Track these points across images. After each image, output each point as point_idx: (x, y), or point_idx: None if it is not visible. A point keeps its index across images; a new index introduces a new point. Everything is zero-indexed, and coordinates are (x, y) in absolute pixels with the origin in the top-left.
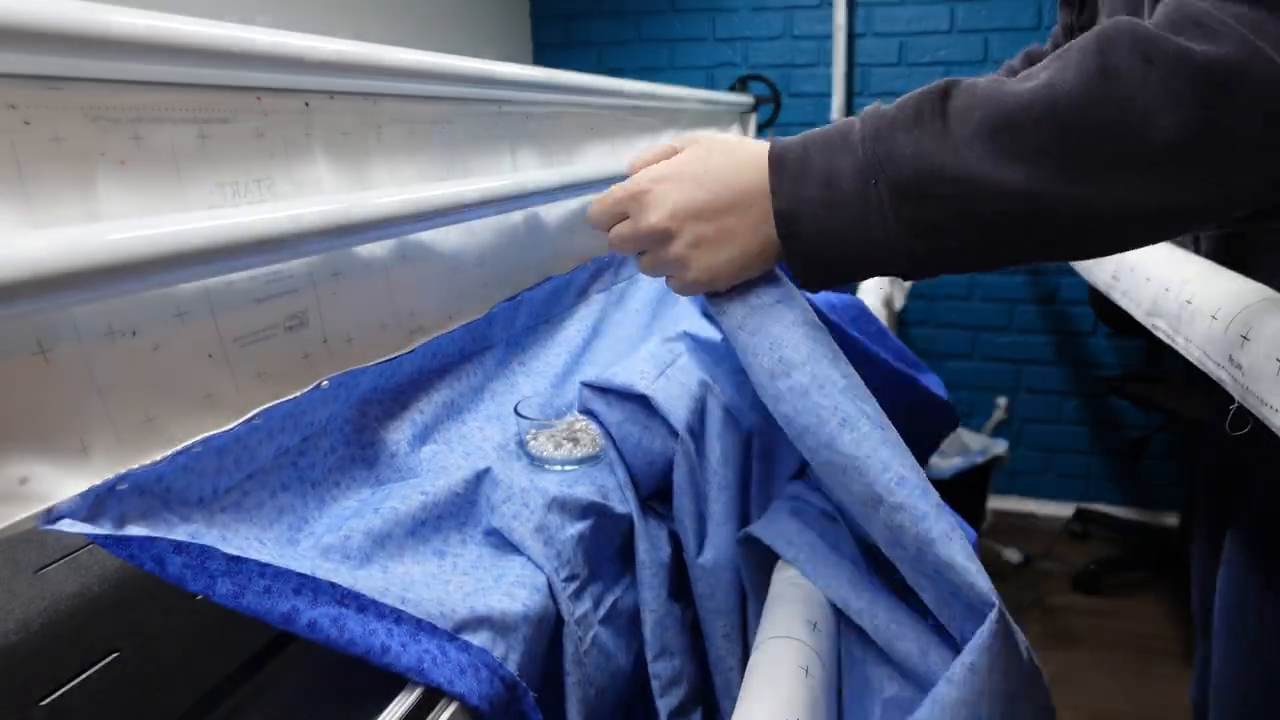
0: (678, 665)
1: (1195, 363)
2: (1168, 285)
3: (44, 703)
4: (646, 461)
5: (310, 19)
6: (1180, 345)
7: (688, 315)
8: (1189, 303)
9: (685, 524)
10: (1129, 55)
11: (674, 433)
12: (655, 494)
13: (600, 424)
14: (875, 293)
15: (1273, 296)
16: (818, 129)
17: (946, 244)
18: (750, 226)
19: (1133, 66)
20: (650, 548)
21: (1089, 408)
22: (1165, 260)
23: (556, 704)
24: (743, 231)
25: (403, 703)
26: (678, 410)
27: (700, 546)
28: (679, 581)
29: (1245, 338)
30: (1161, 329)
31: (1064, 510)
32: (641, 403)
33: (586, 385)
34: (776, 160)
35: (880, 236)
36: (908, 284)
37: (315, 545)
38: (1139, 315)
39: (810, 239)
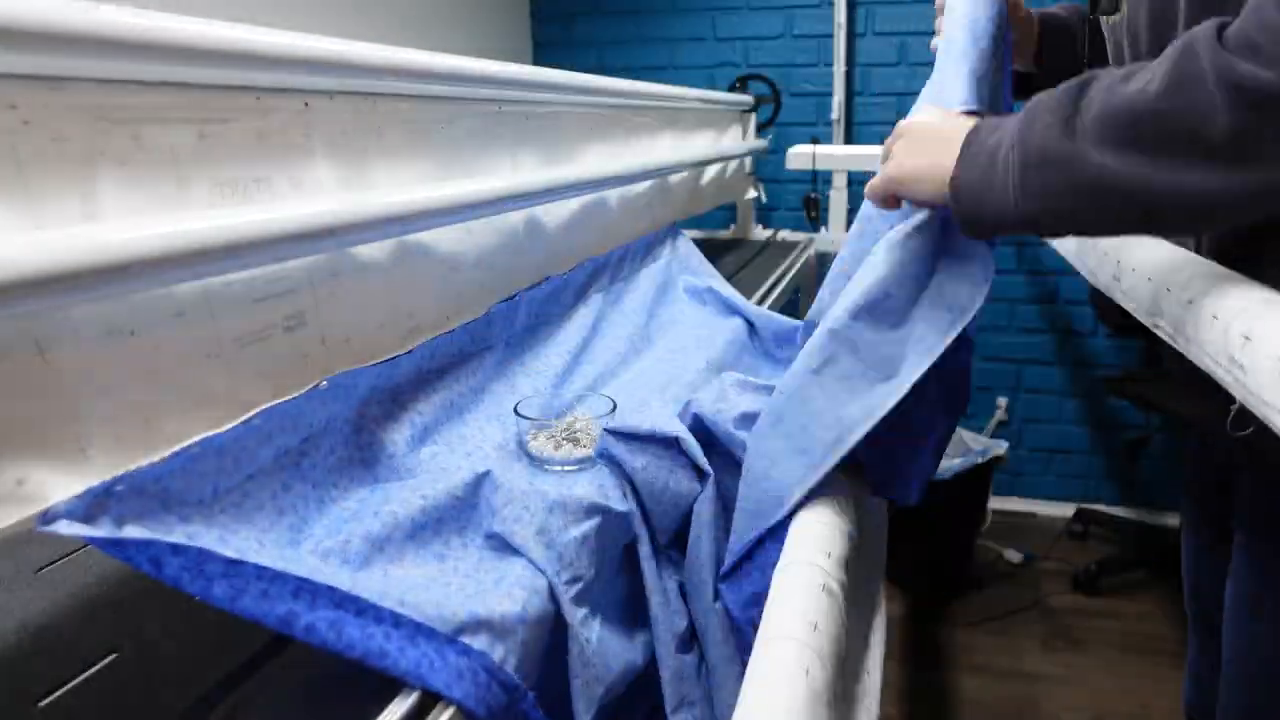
0: (697, 714)
1: (1196, 363)
2: (1169, 285)
3: (44, 703)
4: (672, 504)
5: (310, 19)
6: (1181, 345)
7: (684, 315)
8: (1190, 303)
9: (704, 565)
10: (1198, 68)
11: (702, 473)
12: (675, 540)
13: (623, 471)
14: None
15: (1275, 297)
16: (1006, 116)
17: (1054, 206)
18: (943, 154)
19: (1200, 79)
20: (664, 602)
21: (1089, 408)
22: (1166, 260)
23: (561, 704)
24: (935, 153)
25: (401, 704)
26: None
27: (717, 592)
28: (692, 626)
29: (1247, 338)
30: (1162, 329)
31: (1064, 510)
32: (668, 445)
33: (610, 432)
34: (967, 140)
35: (1005, 196)
36: None
37: (315, 549)
38: (1140, 315)
39: (965, 190)
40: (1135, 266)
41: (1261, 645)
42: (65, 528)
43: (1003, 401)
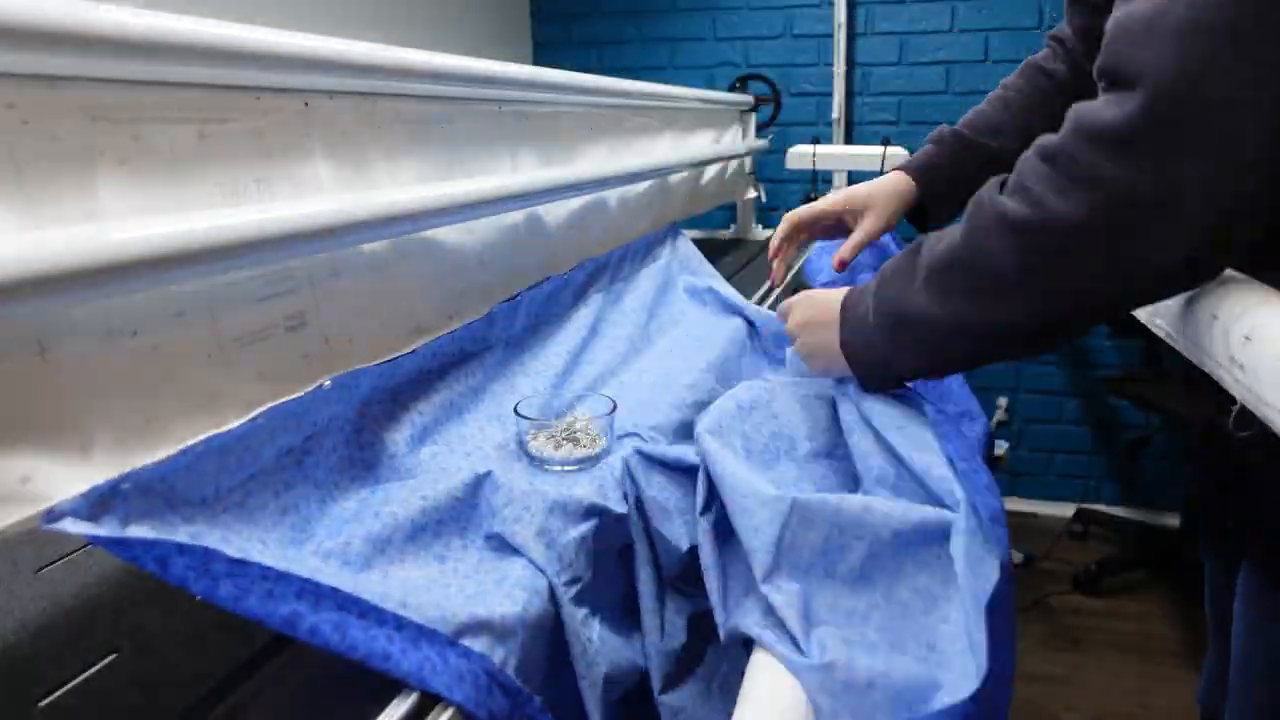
0: None
1: (1196, 363)
2: None
3: (43, 703)
4: (682, 531)
5: (310, 19)
6: (1181, 345)
7: (684, 315)
8: (1190, 303)
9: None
10: (984, 214)
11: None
12: (685, 573)
13: (638, 493)
14: None
15: (1275, 297)
16: (874, 277)
17: (929, 360)
18: (833, 339)
19: (985, 225)
20: (657, 626)
21: (1089, 408)
22: None
23: (567, 705)
24: (829, 339)
25: (401, 705)
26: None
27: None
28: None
29: (1248, 338)
30: (1162, 329)
31: (1064, 510)
32: (690, 473)
33: (640, 453)
34: (844, 306)
35: (890, 355)
36: None
37: (316, 550)
38: (1140, 315)
39: (859, 356)
40: None
41: (1271, 646)
42: (71, 526)
43: (1003, 401)
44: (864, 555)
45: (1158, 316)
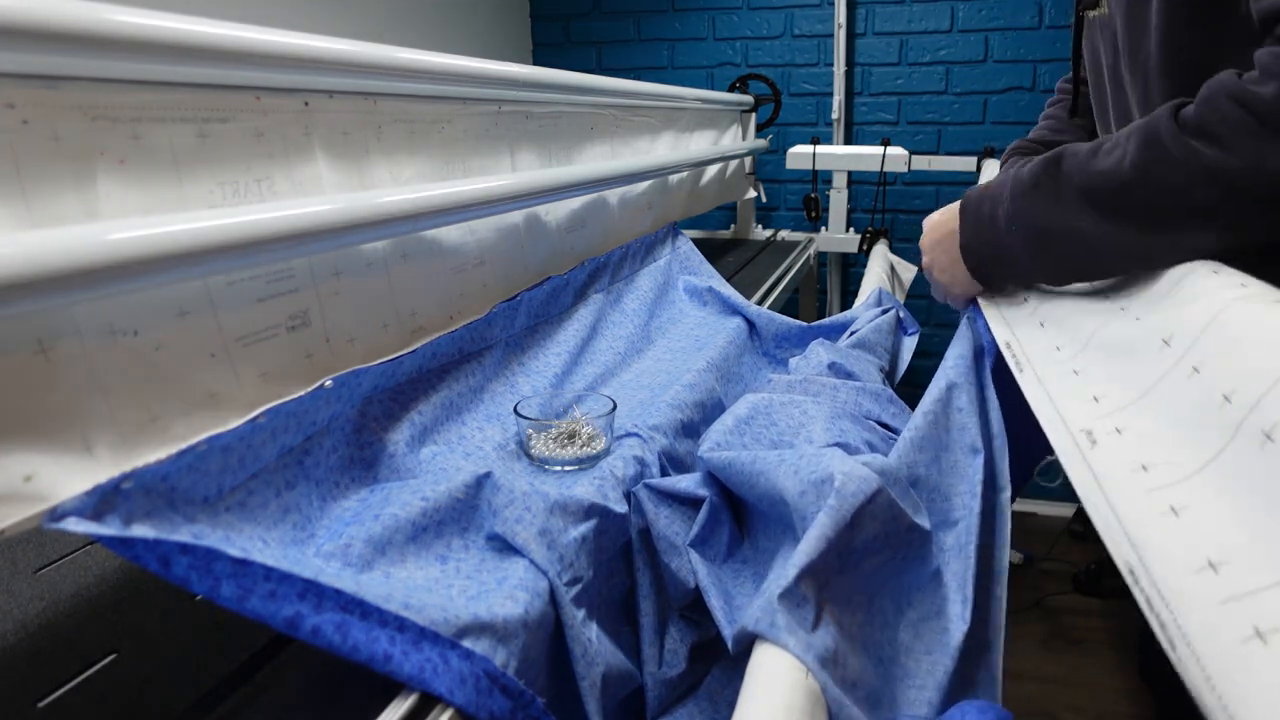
0: None
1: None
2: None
3: (43, 704)
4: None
5: (310, 19)
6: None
7: (684, 315)
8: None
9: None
10: (1166, 154)
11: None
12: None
13: (647, 523)
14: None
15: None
16: (996, 178)
17: (1065, 269)
18: (954, 241)
19: (1169, 163)
20: (655, 656)
21: None
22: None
23: (568, 705)
24: (952, 246)
25: (401, 705)
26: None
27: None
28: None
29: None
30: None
31: (1064, 510)
32: (695, 504)
33: (649, 486)
34: (964, 207)
35: (1024, 265)
36: (912, 271)
37: (317, 552)
38: None
39: (983, 263)
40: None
41: None
42: (74, 525)
43: None
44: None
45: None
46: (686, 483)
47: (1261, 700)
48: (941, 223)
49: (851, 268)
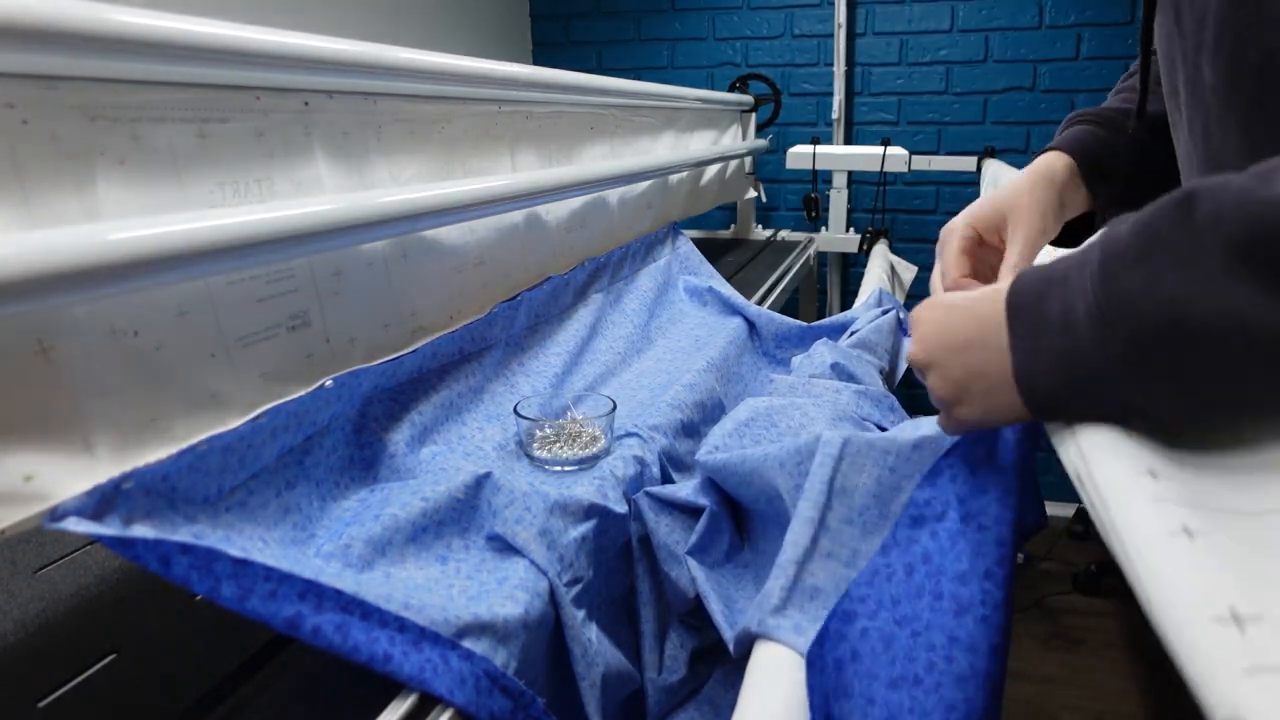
0: None
1: None
2: None
3: (43, 703)
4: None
5: (310, 19)
6: None
7: (684, 315)
8: None
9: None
10: None
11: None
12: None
13: (648, 531)
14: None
15: None
16: (1063, 257)
17: (1217, 403)
18: (997, 361)
19: None
20: (656, 662)
21: None
22: None
23: (568, 705)
24: (991, 367)
25: (400, 705)
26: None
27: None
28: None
29: None
30: None
31: (1064, 510)
32: (694, 513)
33: (648, 494)
34: (1012, 306)
35: (1131, 395)
36: (912, 271)
37: (318, 552)
38: None
39: (1050, 398)
40: None
41: None
42: (74, 525)
43: None
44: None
45: None
46: (686, 491)
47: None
48: (956, 324)
49: (851, 268)
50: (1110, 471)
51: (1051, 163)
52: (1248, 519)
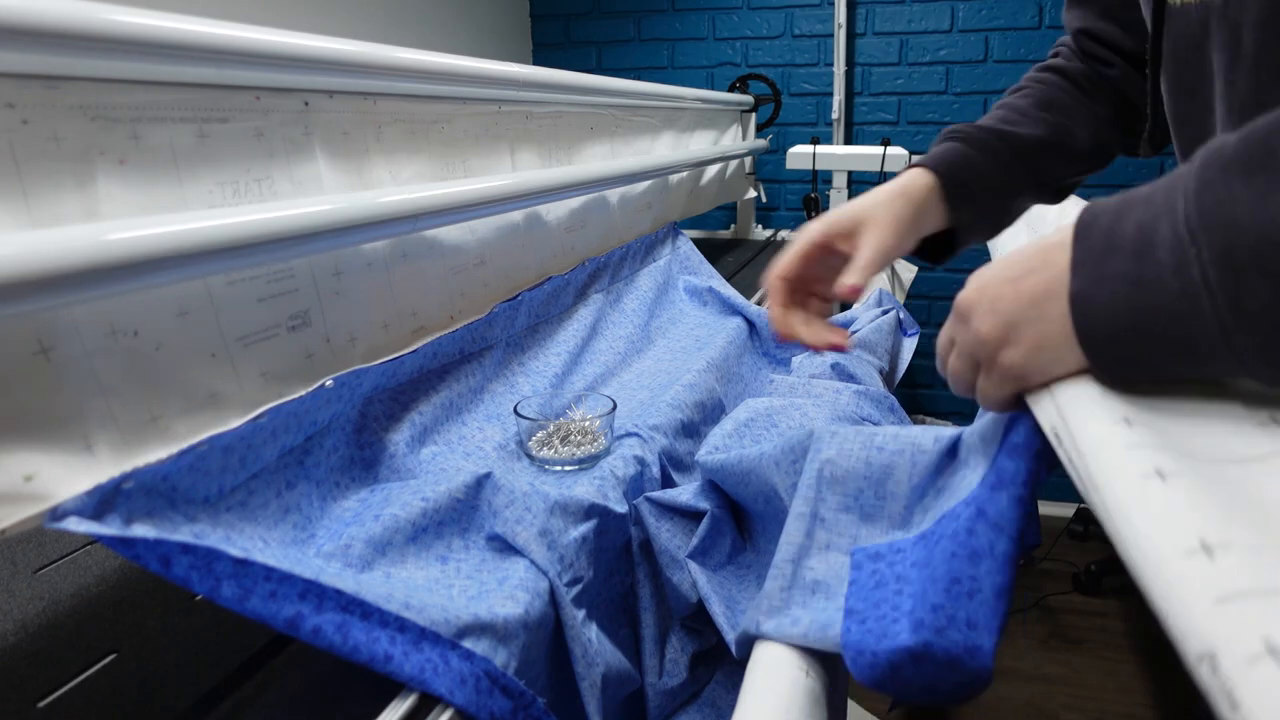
0: None
1: None
2: None
3: (42, 703)
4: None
5: (310, 19)
6: None
7: (684, 315)
8: None
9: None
10: None
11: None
12: (698, 614)
13: (648, 536)
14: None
15: None
16: (1154, 182)
17: None
18: (1057, 283)
19: None
20: (655, 666)
21: None
22: None
23: (568, 705)
24: (1049, 290)
25: (401, 705)
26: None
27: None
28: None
29: None
30: None
31: (1064, 510)
32: (696, 517)
33: (649, 499)
34: (1083, 224)
35: (1205, 329)
36: (912, 271)
37: (318, 552)
38: None
39: (1108, 329)
40: None
41: None
42: (74, 525)
43: None
44: (909, 469)
45: None
46: (687, 496)
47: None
48: (1018, 258)
49: None
50: (1087, 423)
51: (914, 179)
52: (1219, 465)
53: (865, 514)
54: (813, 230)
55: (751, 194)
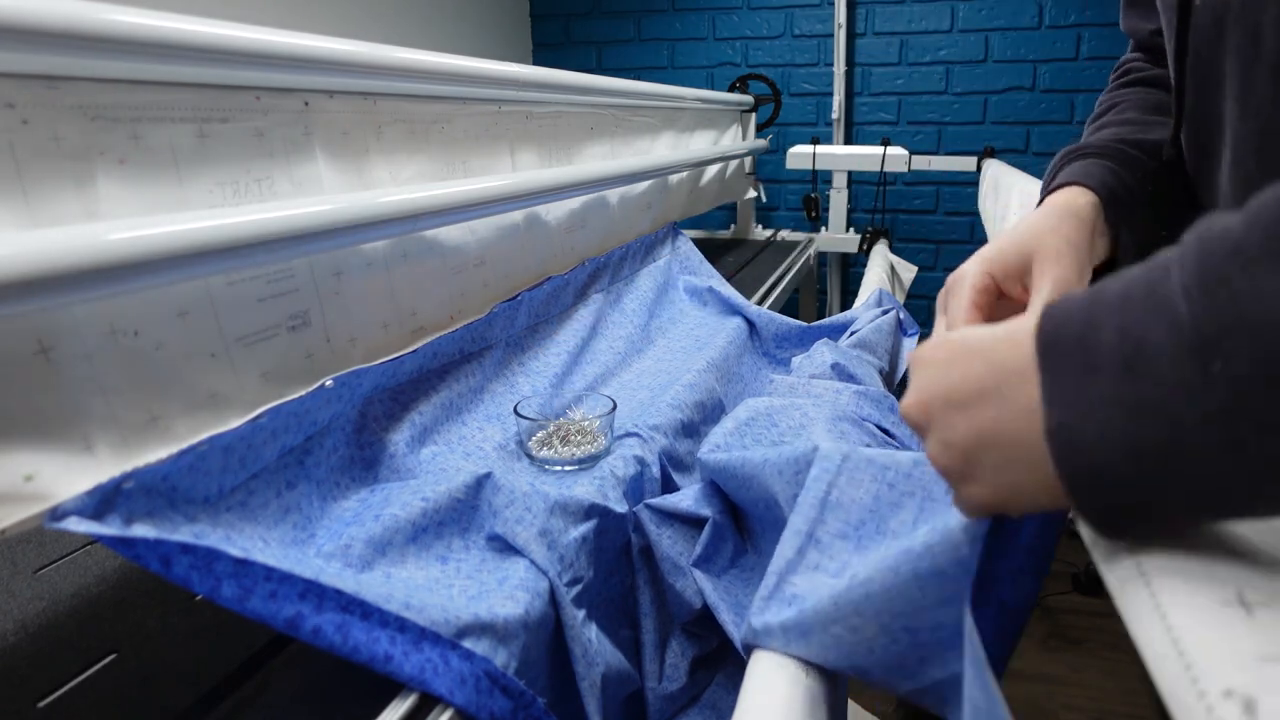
0: None
1: None
2: None
3: (43, 703)
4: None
5: (310, 19)
6: None
7: (684, 315)
8: None
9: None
10: None
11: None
12: (699, 619)
13: (649, 542)
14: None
15: None
16: (1115, 275)
17: None
18: (1019, 421)
19: None
20: (656, 672)
21: None
22: None
23: (568, 705)
24: (1009, 429)
25: (401, 705)
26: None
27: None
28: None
29: None
30: None
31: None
32: (698, 523)
33: (649, 507)
34: (1045, 337)
35: (1245, 477)
36: (912, 271)
37: (318, 552)
38: None
39: (1104, 472)
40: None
41: None
42: (75, 524)
43: None
44: (916, 514)
45: None
46: (688, 502)
47: None
48: (964, 371)
49: (851, 268)
50: (1187, 603)
51: (1074, 198)
52: None
53: (862, 545)
54: (974, 276)
55: (751, 194)
